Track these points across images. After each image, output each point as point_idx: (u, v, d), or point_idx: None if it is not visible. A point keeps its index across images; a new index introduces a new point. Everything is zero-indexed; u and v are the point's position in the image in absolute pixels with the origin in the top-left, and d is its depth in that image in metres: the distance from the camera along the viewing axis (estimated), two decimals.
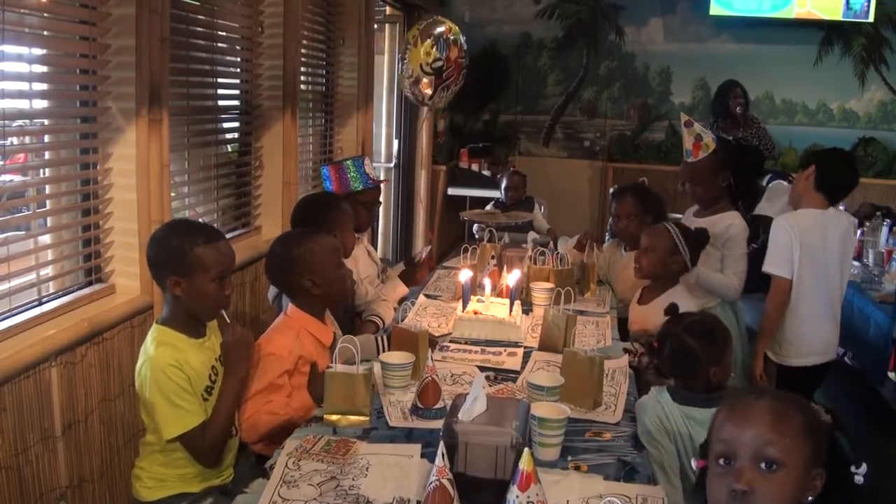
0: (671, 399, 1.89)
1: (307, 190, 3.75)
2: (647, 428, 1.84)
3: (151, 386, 1.78)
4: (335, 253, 2.18)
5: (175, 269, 1.81)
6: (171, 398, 1.77)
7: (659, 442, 1.83)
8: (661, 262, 2.61)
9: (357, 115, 4.36)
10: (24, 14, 2.01)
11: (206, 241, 1.83)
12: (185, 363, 1.81)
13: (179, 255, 1.80)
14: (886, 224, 4.01)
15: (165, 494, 1.86)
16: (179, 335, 1.85)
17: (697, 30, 6.41)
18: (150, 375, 1.78)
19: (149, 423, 1.85)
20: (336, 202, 2.66)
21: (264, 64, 3.34)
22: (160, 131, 2.39)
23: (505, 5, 6.74)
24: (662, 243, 2.61)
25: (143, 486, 1.87)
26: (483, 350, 2.33)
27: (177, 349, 1.82)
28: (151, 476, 1.86)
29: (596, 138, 6.77)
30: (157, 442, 1.83)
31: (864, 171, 6.25)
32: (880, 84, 6.18)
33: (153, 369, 1.78)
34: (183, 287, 1.82)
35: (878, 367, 3.16)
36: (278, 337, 2.03)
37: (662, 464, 1.82)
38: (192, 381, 1.82)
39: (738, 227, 2.82)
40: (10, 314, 2.05)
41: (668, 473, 1.82)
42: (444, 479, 1.32)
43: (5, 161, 2.01)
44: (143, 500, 1.87)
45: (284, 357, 1.97)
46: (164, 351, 1.80)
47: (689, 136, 2.89)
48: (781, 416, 1.16)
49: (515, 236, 3.89)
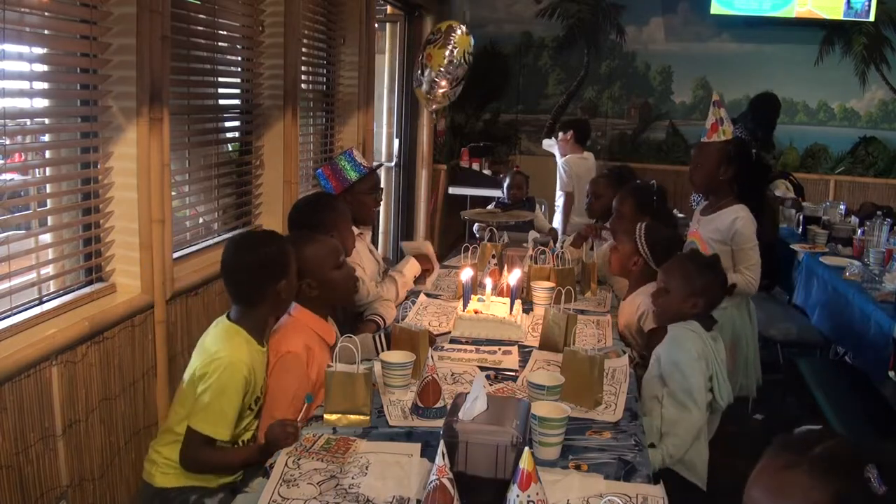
0: (702, 327, 2.17)
1: (308, 189, 3.75)
2: (679, 358, 2.09)
3: (219, 379, 1.81)
4: (332, 254, 2.18)
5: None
6: (228, 399, 1.81)
7: (695, 369, 2.07)
8: (622, 262, 2.74)
9: (358, 114, 4.36)
10: (25, 13, 2.00)
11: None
12: (252, 370, 1.86)
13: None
14: (887, 224, 4.00)
15: (181, 484, 1.89)
16: (250, 338, 1.91)
17: (698, 29, 6.41)
18: (225, 370, 1.81)
19: (180, 411, 1.88)
20: (331, 202, 2.66)
21: (265, 63, 3.34)
22: (161, 130, 2.39)
23: (506, 5, 6.74)
24: (626, 246, 2.72)
25: (158, 471, 1.89)
26: (478, 350, 2.33)
27: (250, 354, 1.88)
28: (169, 463, 1.89)
29: (597, 138, 6.76)
30: (181, 432, 1.86)
31: (865, 171, 6.26)
32: (881, 83, 6.18)
33: (230, 366, 1.82)
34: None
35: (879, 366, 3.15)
36: (291, 335, 2.05)
37: (691, 391, 2.07)
38: (250, 390, 1.87)
39: (744, 219, 2.80)
40: (11, 313, 2.05)
41: (696, 399, 2.07)
42: (445, 478, 1.32)
43: (6, 160, 2.01)
44: (156, 484, 1.89)
45: (300, 353, 1.99)
46: (243, 353, 1.86)
47: (712, 115, 2.91)
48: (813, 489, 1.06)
49: (516, 235, 3.89)
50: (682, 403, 2.09)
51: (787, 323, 3.94)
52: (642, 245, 2.65)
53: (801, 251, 4.18)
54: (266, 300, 1.94)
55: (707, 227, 2.89)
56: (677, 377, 2.11)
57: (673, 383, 2.12)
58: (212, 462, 1.87)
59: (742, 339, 2.88)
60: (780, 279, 4.43)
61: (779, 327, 3.89)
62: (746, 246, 2.79)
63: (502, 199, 4.78)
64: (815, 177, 6.22)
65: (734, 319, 2.85)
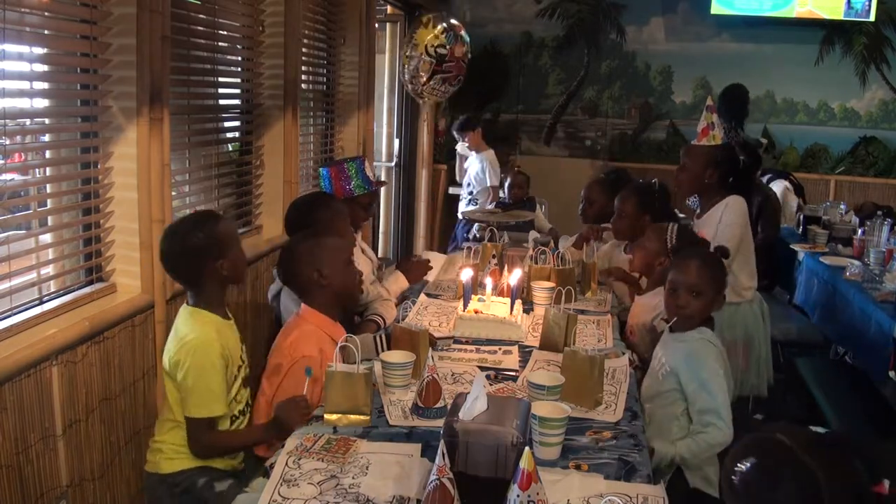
0: (712, 333, 2.13)
1: (308, 189, 3.75)
2: (705, 377, 2.02)
3: (194, 361, 1.85)
4: (343, 251, 2.23)
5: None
6: (209, 377, 1.86)
7: (721, 387, 2.00)
8: (647, 260, 2.64)
9: (358, 114, 4.36)
10: (25, 13, 2.00)
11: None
12: (225, 344, 1.91)
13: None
14: (887, 223, 4.00)
15: (188, 466, 1.93)
16: (213, 315, 1.95)
17: (698, 29, 6.40)
18: (196, 351, 1.86)
19: (173, 399, 1.92)
20: (329, 202, 2.66)
21: (265, 63, 3.34)
22: (161, 130, 2.39)
23: (506, 4, 6.74)
24: (654, 245, 2.62)
25: (164, 458, 1.93)
26: (478, 350, 2.33)
27: (218, 330, 1.92)
28: (174, 447, 1.93)
29: (597, 138, 6.77)
30: (179, 417, 1.91)
31: (866, 171, 6.26)
32: (881, 83, 6.17)
33: (200, 346, 1.86)
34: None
35: (879, 366, 3.15)
36: (304, 340, 2.07)
37: (718, 410, 1.97)
38: (230, 363, 1.91)
39: (732, 206, 2.85)
40: (11, 313, 2.05)
41: (723, 416, 1.97)
42: (445, 478, 1.32)
43: (6, 160, 2.01)
44: (163, 472, 1.94)
45: (315, 356, 2.01)
46: (209, 331, 1.90)
47: (704, 119, 2.95)
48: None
49: (516, 235, 3.89)
50: (710, 422, 1.99)
51: (787, 323, 3.94)
52: (672, 247, 2.57)
53: (802, 251, 4.18)
54: (209, 280, 1.97)
55: (704, 227, 2.90)
56: (704, 397, 2.01)
57: (700, 402, 2.02)
58: (220, 444, 1.94)
59: (755, 338, 2.88)
60: (781, 279, 4.44)
61: (779, 327, 3.89)
62: (727, 220, 2.81)
63: (503, 199, 4.79)
64: (815, 177, 6.21)
65: (747, 318, 2.85)
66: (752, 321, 2.87)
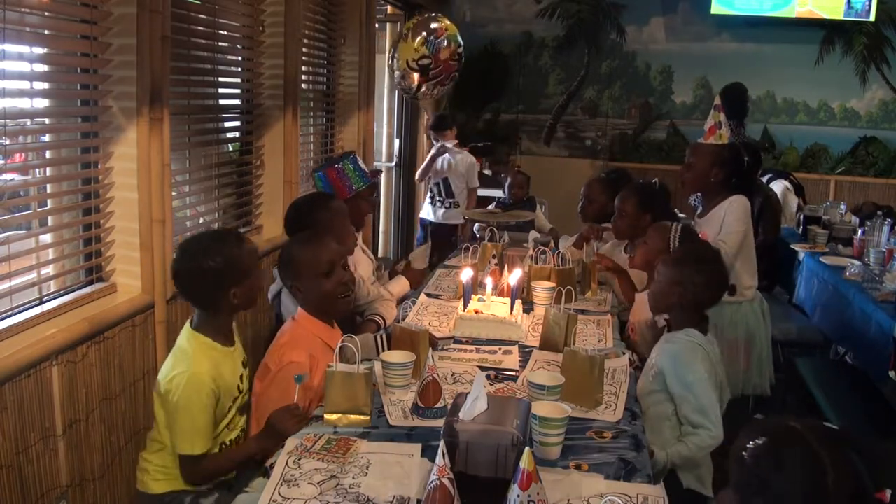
0: (700, 335, 2.11)
1: (308, 189, 3.75)
2: (689, 380, 2.00)
3: (182, 396, 1.80)
4: (318, 264, 2.08)
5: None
6: (195, 415, 1.80)
7: (707, 388, 1.99)
8: (649, 258, 2.60)
9: (358, 114, 4.36)
10: (25, 13, 2.00)
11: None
12: (219, 377, 1.84)
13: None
14: (888, 223, 4.00)
15: (174, 488, 1.89)
16: (214, 343, 1.89)
17: (699, 29, 6.40)
18: (185, 387, 1.80)
19: (161, 422, 1.87)
20: (328, 202, 2.65)
21: (265, 63, 3.34)
22: (161, 130, 2.39)
23: (506, 4, 6.74)
24: (657, 243, 2.61)
25: (151, 479, 1.90)
26: (478, 349, 2.33)
27: (214, 361, 1.85)
28: (160, 469, 1.89)
29: (597, 138, 6.77)
30: (166, 441, 1.87)
31: (866, 171, 6.26)
32: (881, 83, 6.17)
33: (190, 382, 1.80)
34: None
35: (879, 366, 3.15)
36: (294, 345, 2.02)
37: (705, 411, 1.97)
38: (222, 396, 1.85)
39: (736, 205, 2.84)
40: (11, 313, 2.05)
41: (711, 416, 1.97)
42: (445, 478, 1.32)
43: (6, 160, 2.01)
44: (151, 492, 1.90)
45: (304, 363, 1.95)
46: (205, 364, 1.83)
47: (712, 118, 2.95)
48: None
49: (517, 235, 3.88)
50: (699, 424, 1.99)
51: (787, 323, 3.94)
52: (675, 247, 2.57)
53: (802, 251, 4.18)
54: (217, 307, 1.89)
55: (706, 227, 2.90)
56: (690, 399, 2.01)
57: (686, 406, 2.02)
58: (211, 471, 1.88)
59: (756, 337, 2.88)
60: (781, 279, 4.44)
61: (779, 327, 3.88)
62: (731, 218, 2.81)
63: (503, 199, 4.79)
64: (815, 177, 6.22)
65: (749, 317, 2.85)
66: (753, 320, 2.87)
